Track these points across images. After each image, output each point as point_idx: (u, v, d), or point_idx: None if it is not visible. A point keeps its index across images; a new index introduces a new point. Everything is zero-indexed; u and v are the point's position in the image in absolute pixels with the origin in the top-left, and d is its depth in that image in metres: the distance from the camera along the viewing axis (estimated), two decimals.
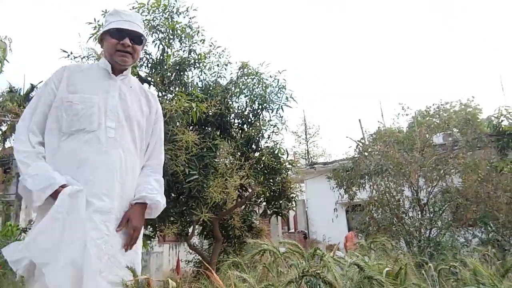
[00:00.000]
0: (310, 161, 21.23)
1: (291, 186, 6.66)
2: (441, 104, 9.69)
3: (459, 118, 8.50)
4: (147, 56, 5.82)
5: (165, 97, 5.59)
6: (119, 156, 1.95)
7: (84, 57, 5.51)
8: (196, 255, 8.00)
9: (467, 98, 9.78)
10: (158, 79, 5.48)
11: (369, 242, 3.46)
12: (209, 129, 5.97)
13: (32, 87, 19.34)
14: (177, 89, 5.80)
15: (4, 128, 19.48)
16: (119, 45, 2.04)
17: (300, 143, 28.96)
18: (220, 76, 6.48)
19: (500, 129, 9.12)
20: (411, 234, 5.84)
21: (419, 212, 6.27)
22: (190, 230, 6.44)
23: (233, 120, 6.42)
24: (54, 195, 1.75)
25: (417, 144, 6.55)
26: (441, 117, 8.45)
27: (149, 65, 5.82)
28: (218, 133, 6.12)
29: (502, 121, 9.25)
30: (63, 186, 1.77)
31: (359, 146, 7.13)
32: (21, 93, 19.65)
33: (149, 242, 5.89)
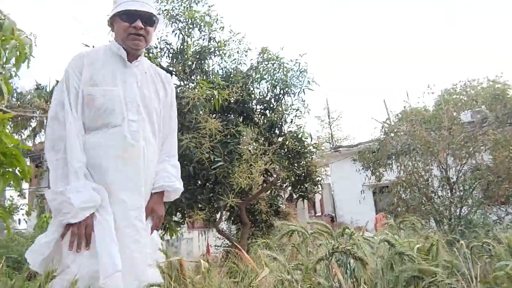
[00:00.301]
0: (334, 144, 21.05)
1: (316, 169, 6.63)
2: (468, 81, 9.35)
3: (487, 94, 8.20)
4: (168, 46, 5.87)
5: (187, 86, 5.64)
6: (142, 149, 1.96)
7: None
8: (225, 240, 8.13)
9: (495, 75, 9.38)
10: (180, 68, 5.53)
11: (399, 222, 3.43)
12: (232, 116, 5.99)
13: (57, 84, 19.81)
14: (198, 77, 5.84)
15: (34, 124, 20.15)
16: (131, 28, 1.95)
17: (323, 127, 28.72)
18: (240, 63, 6.48)
19: None
20: (441, 213, 5.73)
21: (449, 191, 6.14)
22: (218, 216, 6.54)
23: (255, 106, 6.43)
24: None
25: (444, 122, 6.38)
26: (468, 94, 8.16)
27: (170, 55, 5.87)
28: (241, 119, 6.14)
29: None
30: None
31: (384, 127, 7.01)
32: (47, 90, 20.20)
33: (178, 228, 6.01)
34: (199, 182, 5.58)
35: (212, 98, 4.90)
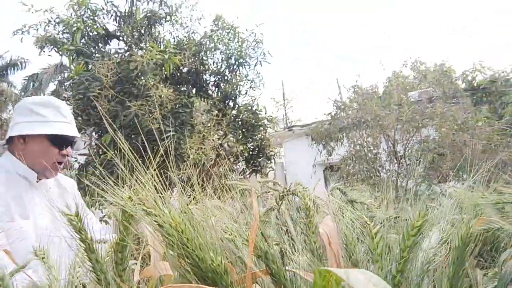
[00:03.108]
0: (288, 125, 21.22)
1: (270, 143, 6.60)
2: (418, 58, 9.70)
3: (436, 72, 8.52)
4: (115, 8, 5.50)
5: (135, 50, 5.34)
6: None
7: (46, 10, 5.17)
8: None
9: (441, 59, 9.77)
10: (128, 32, 5.20)
11: (349, 189, 3.44)
12: (184, 87, 5.78)
13: None
14: (147, 44, 5.54)
15: None
16: (59, 156, 1.62)
17: (278, 108, 28.86)
18: (193, 32, 6.23)
19: (475, 84, 9.21)
20: (388, 186, 5.91)
21: (396, 165, 6.33)
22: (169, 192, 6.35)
23: (209, 78, 6.24)
24: None
25: (394, 98, 6.54)
26: (419, 70, 8.45)
27: (117, 18, 5.50)
28: (194, 91, 5.94)
29: (476, 75, 9.32)
30: None
31: (337, 101, 7.09)
32: None
33: None
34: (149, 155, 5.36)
35: (163, 64, 4.66)
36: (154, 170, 0.52)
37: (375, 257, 0.52)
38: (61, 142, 1.62)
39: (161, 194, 0.47)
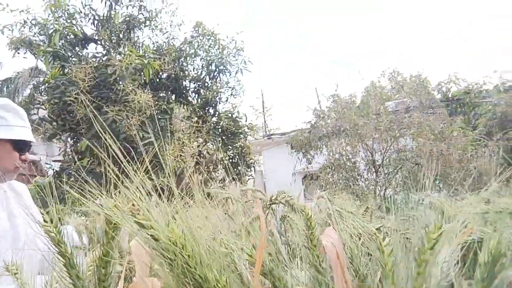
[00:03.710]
0: (268, 133, 21.26)
1: (250, 151, 6.56)
2: (395, 69, 9.90)
3: (412, 83, 8.71)
4: (93, 12, 5.37)
5: (114, 54, 5.22)
6: None
7: (22, 10, 5.01)
8: None
9: (416, 70, 10.00)
10: (106, 36, 5.08)
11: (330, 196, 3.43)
12: (164, 93, 5.69)
13: None
14: (126, 49, 5.43)
15: None
16: (20, 160, 1.62)
17: (257, 116, 28.93)
18: (173, 38, 6.16)
19: (450, 95, 9.46)
20: (366, 194, 5.95)
21: (374, 173, 6.39)
22: None
23: (188, 84, 6.17)
24: None
25: (372, 107, 6.63)
26: (396, 81, 8.62)
27: (95, 22, 5.38)
28: (173, 97, 5.86)
29: (451, 87, 9.58)
30: None
31: (316, 110, 7.12)
32: None
33: None
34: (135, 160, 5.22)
35: (142, 69, 4.57)
36: (148, 175, 0.46)
37: (385, 273, 0.48)
38: (22, 147, 1.61)
39: (156, 203, 0.42)
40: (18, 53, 5.32)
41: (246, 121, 6.23)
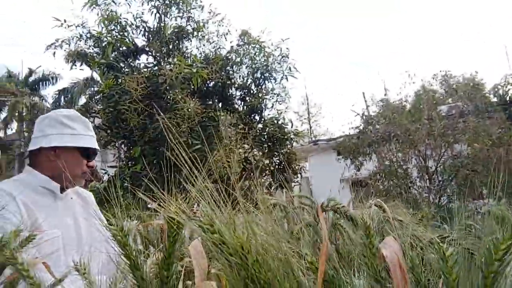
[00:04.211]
0: (313, 139, 21.08)
1: (296, 157, 6.53)
2: (448, 72, 9.42)
3: (467, 86, 8.28)
4: (144, 24, 5.62)
5: (164, 64, 5.42)
6: None
7: (78, 25, 5.33)
8: None
9: (470, 73, 9.46)
10: (157, 47, 5.30)
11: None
12: (211, 101, 5.82)
13: (31, 72, 19.12)
14: (175, 59, 5.63)
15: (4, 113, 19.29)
16: (87, 167, 1.72)
17: (302, 122, 28.77)
18: (220, 47, 6.29)
19: (507, 98, 8.90)
20: (420, 202, 5.72)
21: (428, 181, 6.13)
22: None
23: (234, 92, 6.27)
24: None
25: (424, 111, 6.38)
26: (448, 84, 8.23)
27: (146, 33, 5.62)
28: (220, 105, 5.97)
29: (509, 89, 9.01)
30: None
31: (364, 115, 6.97)
32: (20, 78, 19.46)
33: None
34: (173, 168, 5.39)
35: (190, 78, 4.70)
36: (214, 181, 0.48)
37: (450, 283, 0.46)
38: (89, 154, 1.73)
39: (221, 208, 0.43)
40: (75, 65, 5.66)
41: (291, 127, 6.21)
